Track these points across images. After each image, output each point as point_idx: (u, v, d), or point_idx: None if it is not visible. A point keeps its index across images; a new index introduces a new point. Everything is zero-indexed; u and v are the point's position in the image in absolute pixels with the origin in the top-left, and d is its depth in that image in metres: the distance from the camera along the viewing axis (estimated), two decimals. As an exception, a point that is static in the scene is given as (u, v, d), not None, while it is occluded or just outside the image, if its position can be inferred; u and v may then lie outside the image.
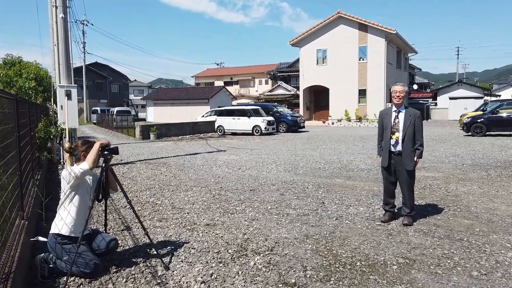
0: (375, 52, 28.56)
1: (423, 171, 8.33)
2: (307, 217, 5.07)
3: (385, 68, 28.39)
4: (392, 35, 28.29)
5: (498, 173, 7.94)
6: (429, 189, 6.58)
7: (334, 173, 8.38)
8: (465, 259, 3.59)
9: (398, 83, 4.91)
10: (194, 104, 33.92)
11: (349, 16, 29.17)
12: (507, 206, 5.41)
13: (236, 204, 5.81)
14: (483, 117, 17.58)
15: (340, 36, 29.77)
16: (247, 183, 7.42)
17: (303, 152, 12.35)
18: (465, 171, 8.35)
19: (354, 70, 29.49)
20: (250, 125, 21.07)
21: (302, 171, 8.71)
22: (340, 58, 29.84)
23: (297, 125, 23.10)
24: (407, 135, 4.70)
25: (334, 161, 10.25)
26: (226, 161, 10.52)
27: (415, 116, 4.74)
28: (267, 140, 17.49)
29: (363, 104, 29.32)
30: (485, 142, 14.27)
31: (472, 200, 5.79)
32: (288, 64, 49.02)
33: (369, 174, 8.22)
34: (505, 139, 15.57)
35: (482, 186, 6.75)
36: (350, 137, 17.96)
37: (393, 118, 4.81)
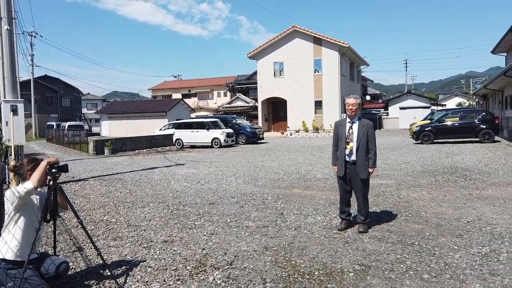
0: (329, 65, 29.53)
1: (377, 178, 8.64)
2: (267, 228, 5.08)
3: (339, 80, 29.42)
4: (345, 48, 29.42)
5: (445, 179, 8.41)
6: (383, 196, 6.83)
7: (292, 184, 8.49)
8: (417, 263, 3.74)
9: (351, 95, 5.09)
10: (151, 117, 33.25)
11: (304, 30, 30.04)
12: (454, 210, 5.72)
13: (194, 218, 5.72)
14: (430, 126, 18.62)
15: (296, 49, 30.54)
16: (206, 196, 7.34)
17: (263, 164, 12.43)
18: (415, 177, 8.76)
19: (310, 82, 30.29)
20: (209, 137, 20.95)
21: (261, 183, 8.75)
22: (296, 70, 30.56)
23: (256, 136, 23.27)
24: (360, 145, 4.87)
25: (292, 171, 10.40)
26: (184, 175, 10.36)
27: (368, 127, 4.93)
28: (226, 153, 17.46)
29: (319, 115, 30.09)
30: (433, 150, 15.09)
31: (422, 205, 6.07)
32: (247, 76, 49.51)
33: (326, 183, 8.41)
34: (451, 146, 16.56)
35: (431, 191, 7.11)
36: (308, 148, 18.33)
37: (347, 129, 4.97)
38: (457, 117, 18.57)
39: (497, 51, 28.08)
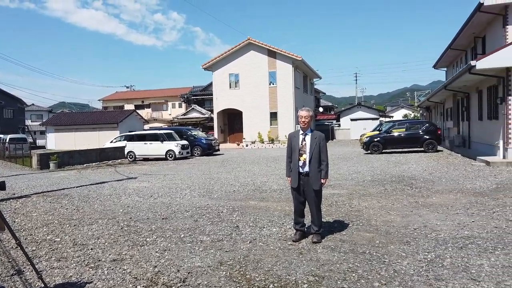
0: (283, 77, 30.13)
1: (329, 188, 8.85)
2: (221, 242, 5.00)
3: (293, 92, 30.07)
4: (298, 61, 30.18)
5: (393, 187, 8.78)
6: (335, 206, 6.99)
7: (248, 195, 8.47)
8: (368, 271, 3.84)
9: (303, 108, 5.17)
10: (101, 129, 31.99)
11: (258, 43, 30.48)
12: (402, 217, 5.97)
13: (146, 235, 5.51)
14: (379, 137, 19.46)
15: (251, 61, 30.88)
16: (159, 211, 7.12)
17: (218, 176, 12.32)
18: (365, 187, 9.07)
19: (265, 94, 30.68)
20: (163, 149, 20.49)
21: (217, 195, 8.65)
22: (251, 82, 30.86)
23: (212, 148, 23.10)
24: (313, 157, 4.96)
25: (248, 183, 10.39)
26: (136, 189, 10.01)
27: (320, 138, 5.03)
28: (181, 165, 17.14)
29: (274, 126, 30.49)
30: (382, 159, 15.75)
31: (372, 214, 6.28)
32: (202, 88, 49.23)
33: (281, 194, 8.48)
34: (398, 155, 17.38)
35: (380, 200, 7.39)
36: (264, 159, 18.46)
37: (300, 141, 5.04)
38: (403, 128, 19.57)
39: (438, 66, 30.14)
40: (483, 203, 6.77)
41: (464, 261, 3.98)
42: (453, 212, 6.15)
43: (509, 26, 14.51)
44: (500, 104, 12.92)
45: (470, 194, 7.63)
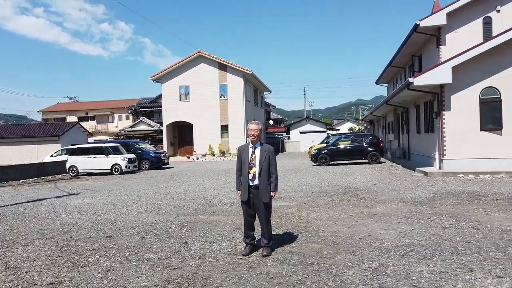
0: (234, 90, 30.30)
1: (279, 201, 8.94)
2: (169, 260, 4.84)
3: (244, 105, 30.30)
4: (249, 75, 30.54)
5: (340, 198, 9.06)
6: (285, 218, 7.06)
7: (198, 210, 8.32)
8: (316, 282, 3.89)
9: (253, 121, 5.21)
10: (41, 143, 30.03)
11: (209, 56, 30.48)
12: (348, 228, 6.16)
13: (88, 254, 5.20)
14: (326, 149, 20.09)
15: (201, 74, 30.77)
16: (103, 229, 6.76)
17: (167, 190, 12.01)
18: (314, 198, 9.27)
19: (216, 107, 30.62)
20: (108, 163, 19.64)
21: (165, 210, 8.40)
22: (202, 95, 30.70)
23: (161, 161, 22.53)
24: (263, 170, 4.98)
25: (198, 197, 10.22)
26: (78, 206, 9.46)
27: (269, 152, 5.08)
28: (128, 179, 16.51)
29: (225, 139, 30.44)
30: (329, 171, 16.25)
31: (320, 225, 6.42)
32: (151, 100, 48.12)
33: (232, 207, 8.42)
34: (344, 167, 18.03)
35: (328, 211, 7.58)
36: (215, 172, 18.30)
37: (250, 154, 5.06)
38: (349, 141, 20.39)
39: (380, 82, 31.91)
40: (422, 211, 7.17)
41: (405, 269, 4.17)
42: (395, 221, 6.45)
43: (442, 46, 15.75)
44: (436, 118, 13.90)
45: (410, 204, 8.06)
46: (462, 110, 13.06)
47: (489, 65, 12.83)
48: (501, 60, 12.76)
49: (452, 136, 13.12)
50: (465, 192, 9.17)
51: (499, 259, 4.36)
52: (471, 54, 12.54)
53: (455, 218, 6.52)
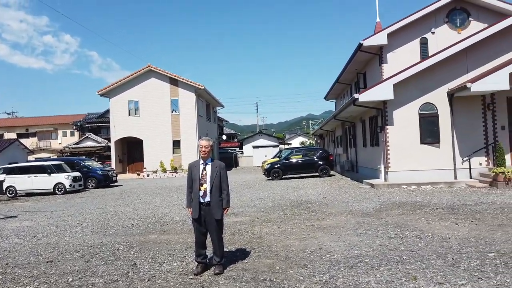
0: (186, 105, 30.00)
1: (232, 216, 8.88)
2: (116, 283, 4.60)
3: (196, 120, 30.05)
4: (201, 90, 30.42)
5: (292, 212, 9.18)
6: (238, 234, 7.01)
7: (148, 229, 8.04)
8: (269, 299, 3.87)
9: (204, 137, 5.19)
10: (-26, 161, 27.69)
11: (159, 70, 30.03)
12: (300, 241, 6.23)
13: (26, 282, 4.81)
14: (279, 163, 20.38)
15: (152, 89, 30.19)
16: (43, 253, 6.31)
17: (115, 209, 11.50)
18: (267, 212, 9.31)
19: (167, 122, 30.08)
20: (51, 183, 18.50)
21: (112, 231, 8.02)
22: (153, 110, 30.07)
23: (108, 179, 21.61)
24: (214, 186, 4.94)
25: (148, 215, 9.89)
26: (16, 230, 8.78)
27: (220, 168, 5.06)
28: (72, 199, 15.63)
29: (177, 155, 29.90)
30: (282, 185, 16.45)
31: (273, 239, 6.44)
32: (98, 115, 46.31)
33: (183, 226, 8.22)
34: (296, 181, 18.35)
35: (281, 225, 7.64)
36: (166, 189, 17.85)
37: (201, 170, 5.00)
38: (300, 155, 20.85)
39: (328, 98, 33.12)
40: (369, 222, 7.44)
41: (354, 280, 4.28)
42: (345, 233, 6.63)
43: (384, 65, 16.71)
44: (380, 133, 14.62)
45: (358, 215, 8.34)
46: (404, 125, 13.86)
47: (426, 83, 13.79)
48: (437, 77, 13.76)
49: (395, 149, 13.84)
50: (409, 203, 9.67)
51: (440, 266, 4.61)
52: (410, 72, 13.42)
53: (400, 228, 6.83)
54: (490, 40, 13.53)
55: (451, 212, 8.13)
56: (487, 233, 6.13)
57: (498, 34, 13.44)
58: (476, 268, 4.46)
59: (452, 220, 7.30)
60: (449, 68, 13.70)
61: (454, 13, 16.46)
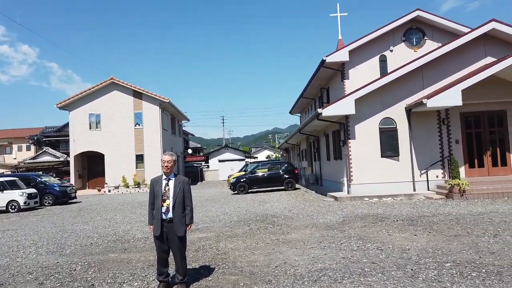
0: (150, 119, 29.47)
1: (197, 232, 8.72)
2: (72, 307, 4.36)
3: (161, 134, 29.55)
4: (166, 103, 30.02)
5: (258, 226, 9.14)
6: (202, 250, 6.88)
7: (108, 248, 7.72)
8: (232, 317, 3.80)
9: (166, 152, 5.10)
10: None
11: (123, 83, 29.41)
12: (265, 256, 6.20)
13: (-30, 310, 4.46)
14: (245, 177, 20.35)
15: (114, 102, 29.46)
16: (-9, 277, 5.89)
17: (73, 227, 10.99)
18: (232, 227, 9.22)
19: (130, 136, 29.37)
20: (3, 200, 17.43)
21: (69, 251, 7.64)
22: (115, 123, 29.30)
23: (67, 196, 20.67)
24: (177, 202, 4.84)
25: (109, 233, 9.51)
26: (-38, 251, 8.16)
27: (184, 183, 4.97)
28: (27, 217, 14.79)
29: (141, 170, 29.18)
30: (248, 199, 16.40)
31: (238, 255, 6.37)
32: (57, 128, 44.54)
33: (145, 243, 7.97)
34: (262, 194, 18.37)
35: (246, 240, 7.57)
36: (128, 205, 17.30)
37: (163, 186, 4.89)
38: (266, 169, 20.93)
39: (293, 112, 33.64)
40: (333, 236, 7.54)
41: (318, 294, 4.29)
42: (309, 247, 6.67)
43: (346, 80, 17.24)
44: (343, 146, 14.98)
45: (322, 228, 8.43)
46: (365, 139, 14.29)
47: (386, 98, 14.34)
48: (395, 93, 14.36)
49: (357, 162, 14.22)
50: (371, 215, 9.90)
51: (400, 277, 4.72)
52: (370, 88, 13.92)
53: (362, 240, 6.96)
54: (444, 58, 14.33)
55: (410, 223, 8.41)
56: (444, 244, 6.37)
57: (451, 53, 14.27)
58: (433, 279, 4.61)
59: (412, 231, 7.54)
60: (406, 85, 14.36)
61: (410, 32, 17.33)
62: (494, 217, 8.70)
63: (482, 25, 13.97)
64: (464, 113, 14.26)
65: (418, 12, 16.75)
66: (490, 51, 14.41)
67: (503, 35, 14.08)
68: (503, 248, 5.87)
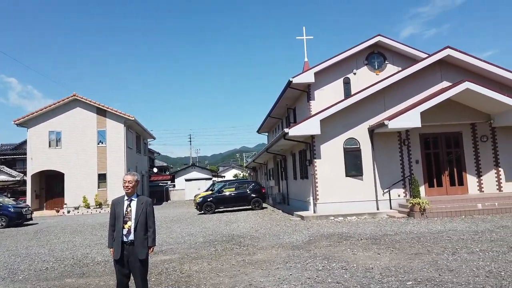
0: (114, 137, 28.70)
1: (160, 254, 8.45)
2: None
3: (125, 152, 28.80)
4: (131, 121, 29.41)
5: (224, 247, 8.99)
6: (165, 274, 6.66)
7: (65, 272, 7.32)
8: None
9: (128, 172, 4.94)
10: None
11: (86, 100, 28.60)
12: (230, 278, 6.08)
13: None
14: (212, 196, 20.10)
15: (77, 119, 28.53)
16: None
17: (28, 251, 10.36)
18: (197, 249, 9.02)
19: (92, 154, 28.42)
20: (-50, 222, 16.23)
21: (22, 276, 7.17)
22: (77, 141, 28.30)
23: (22, 217, 19.54)
24: (139, 223, 4.67)
25: (66, 257, 9.04)
26: None
27: (146, 204, 4.82)
28: (-24, 241, 13.80)
29: (103, 189, 28.18)
30: (214, 219, 16.16)
31: (202, 277, 6.20)
32: (14, 146, 42.40)
33: (105, 267, 7.63)
34: (229, 214, 18.17)
35: (211, 262, 7.41)
36: (89, 226, 16.57)
37: (125, 207, 4.72)
38: (233, 188, 20.80)
39: (261, 131, 33.89)
40: (299, 255, 7.53)
41: (283, 316, 4.23)
42: (275, 267, 6.62)
43: (312, 101, 17.62)
44: (309, 166, 15.18)
45: (289, 248, 8.41)
46: (331, 158, 14.57)
47: (350, 119, 14.76)
48: (359, 115, 14.81)
49: (323, 182, 14.42)
50: (336, 234, 10.00)
51: (364, 296, 4.75)
52: (334, 109, 14.30)
53: (327, 259, 7.00)
54: (404, 82, 15.01)
55: (374, 242, 8.55)
56: (406, 262, 6.51)
57: (410, 77, 14.97)
58: (396, 297, 4.67)
59: (375, 250, 7.67)
60: (369, 106, 14.87)
61: (372, 56, 18.08)
62: (452, 235, 9.02)
63: (438, 52, 14.80)
64: (423, 134, 14.91)
65: (379, 38, 17.55)
66: (446, 76, 15.26)
67: (458, 61, 14.96)
68: (461, 266, 6.07)
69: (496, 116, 14.51)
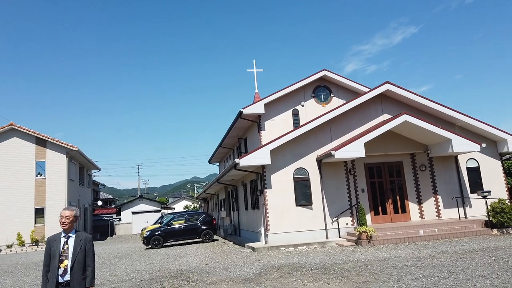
0: (55, 169, 27.01)
1: (102, 295, 7.86)
2: None
3: (67, 185, 27.12)
4: (74, 152, 27.94)
5: (171, 284, 8.56)
6: (106, 316, 6.17)
7: (-11, 321, 6.53)
8: None
9: (66, 207, 4.62)
10: None
11: (24, 129, 26.87)
12: (177, 317, 5.75)
13: None
14: (160, 230, 19.31)
15: (13, 149, 26.60)
16: None
17: None
18: (143, 287, 8.51)
19: (30, 187, 26.44)
20: None
21: None
22: (12, 173, 26.25)
23: None
24: (77, 262, 4.34)
25: (-8, 303, 8.12)
26: None
27: (86, 240, 4.50)
28: None
29: (41, 225, 26.11)
30: (162, 254, 15.47)
31: (147, 319, 5.81)
32: None
33: (38, 312, 6.93)
34: (178, 248, 17.50)
35: (157, 300, 7.00)
36: (22, 266, 15.14)
37: (62, 244, 4.38)
38: (183, 220, 20.17)
39: (212, 161, 33.61)
40: (250, 289, 7.35)
41: None
42: (225, 303, 6.38)
43: (262, 132, 17.88)
44: (260, 196, 15.18)
45: (239, 281, 8.19)
46: (281, 188, 14.69)
47: (299, 149, 15.10)
48: (307, 145, 15.21)
49: (274, 212, 14.44)
50: (287, 265, 9.94)
51: (314, 329, 4.68)
52: (284, 140, 14.58)
53: (278, 292, 6.88)
54: (348, 114, 15.74)
55: (323, 272, 8.59)
56: (355, 291, 6.57)
57: (354, 109, 15.74)
58: (346, 328, 4.65)
59: (325, 280, 7.68)
60: (317, 137, 15.35)
61: (319, 89, 18.89)
62: (397, 262, 9.31)
63: (378, 86, 15.78)
64: (368, 164, 15.58)
65: (324, 72, 18.44)
66: (387, 108, 16.24)
67: (396, 95, 16.02)
68: (406, 292, 6.23)
69: (432, 147, 15.57)
